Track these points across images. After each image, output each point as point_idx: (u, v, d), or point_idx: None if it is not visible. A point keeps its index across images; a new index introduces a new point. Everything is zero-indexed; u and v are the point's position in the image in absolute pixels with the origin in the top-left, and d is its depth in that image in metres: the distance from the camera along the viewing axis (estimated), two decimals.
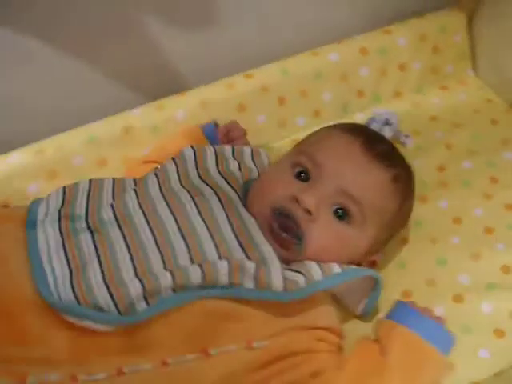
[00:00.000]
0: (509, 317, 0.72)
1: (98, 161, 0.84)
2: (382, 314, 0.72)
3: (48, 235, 0.65)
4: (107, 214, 0.67)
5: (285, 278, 0.63)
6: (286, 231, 0.67)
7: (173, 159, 0.77)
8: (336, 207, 0.68)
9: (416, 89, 0.98)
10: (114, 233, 0.65)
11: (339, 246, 0.69)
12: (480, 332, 0.71)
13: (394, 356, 0.65)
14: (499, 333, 0.71)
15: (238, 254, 0.64)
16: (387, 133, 0.88)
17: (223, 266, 0.61)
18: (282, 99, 0.91)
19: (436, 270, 0.77)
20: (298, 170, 0.71)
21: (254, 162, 0.81)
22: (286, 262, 0.66)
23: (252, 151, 0.82)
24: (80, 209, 0.69)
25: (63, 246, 0.63)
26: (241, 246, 0.65)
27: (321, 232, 0.67)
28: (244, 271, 0.62)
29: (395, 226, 0.75)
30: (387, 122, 0.89)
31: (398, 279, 0.77)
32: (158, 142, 0.86)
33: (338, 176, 0.68)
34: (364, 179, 0.69)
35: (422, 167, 0.87)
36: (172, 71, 0.91)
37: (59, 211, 0.68)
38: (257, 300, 0.62)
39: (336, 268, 0.66)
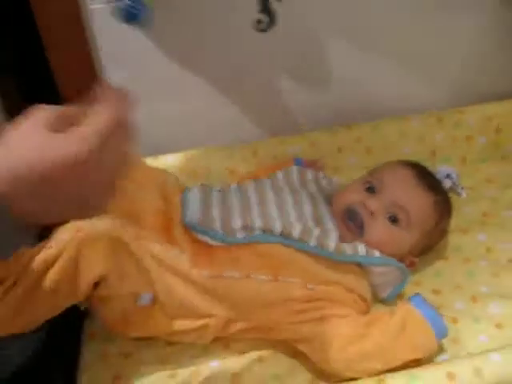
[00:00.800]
0: (509, 317, 0.94)
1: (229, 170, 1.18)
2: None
3: (194, 192, 0.99)
4: (234, 188, 1.03)
5: (337, 245, 0.91)
6: (352, 221, 0.96)
7: (283, 171, 1.09)
8: (390, 214, 0.97)
9: (479, 158, 1.25)
10: (236, 195, 0.99)
11: (388, 241, 0.96)
12: (485, 324, 0.93)
13: (397, 318, 0.88)
14: (499, 326, 0.93)
15: (311, 224, 0.94)
16: (447, 184, 1.15)
17: (297, 227, 0.91)
18: (370, 149, 1.22)
19: (463, 279, 1.01)
20: (367, 185, 1.00)
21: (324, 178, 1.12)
22: (343, 240, 0.95)
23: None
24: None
25: (203, 197, 0.98)
26: (314, 221, 0.95)
27: (377, 228, 0.96)
28: (311, 233, 0.91)
29: (432, 237, 1.02)
30: (448, 176, 1.15)
31: (431, 282, 1.01)
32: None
33: (395, 193, 0.98)
34: (412, 198, 0.98)
35: (469, 211, 1.13)
36: (291, 115, 1.25)
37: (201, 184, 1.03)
38: (314, 254, 0.91)
39: (377, 253, 0.94)
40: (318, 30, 1.18)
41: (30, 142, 0.57)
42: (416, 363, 0.85)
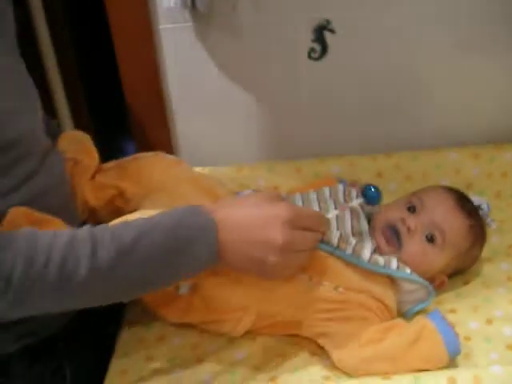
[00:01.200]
0: None
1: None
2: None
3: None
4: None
5: (371, 256, 0.99)
6: (392, 236, 1.04)
7: (329, 188, 1.17)
8: (427, 233, 1.04)
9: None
10: None
11: (422, 259, 1.03)
12: (496, 343, 0.98)
13: (414, 328, 0.94)
14: (510, 347, 0.98)
15: (349, 234, 1.03)
16: None
17: (337, 234, 1.00)
18: (410, 177, 1.29)
19: (481, 302, 1.06)
20: (409, 205, 1.08)
21: None
22: (379, 253, 1.02)
23: None
24: None
25: None
26: (353, 233, 1.04)
27: (414, 244, 1.04)
28: (348, 242, 1.00)
29: (464, 260, 1.08)
30: (479, 207, 1.21)
31: (450, 302, 1.07)
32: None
33: (434, 214, 1.05)
34: (450, 219, 1.06)
35: (497, 241, 1.18)
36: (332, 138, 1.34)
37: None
38: (349, 262, 0.99)
39: (407, 269, 1.01)
40: (365, 62, 1.28)
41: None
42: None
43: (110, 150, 1.43)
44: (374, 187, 1.09)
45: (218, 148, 1.37)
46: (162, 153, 1.14)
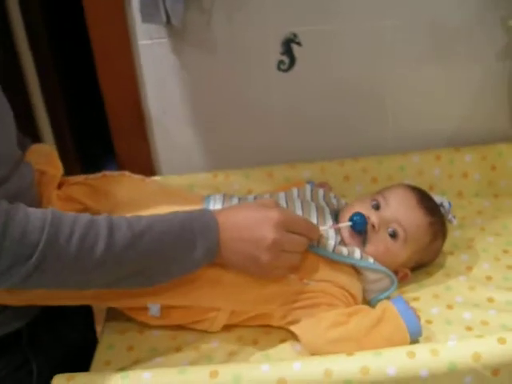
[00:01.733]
0: (479, 322, 1.05)
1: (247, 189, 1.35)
2: None
3: (216, 198, 1.17)
4: (251, 197, 1.20)
5: (336, 247, 1.06)
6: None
7: (297, 189, 1.23)
8: (390, 229, 1.11)
9: (473, 193, 1.38)
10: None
11: (385, 253, 1.10)
12: (457, 326, 1.04)
13: (376, 311, 1.01)
14: (469, 328, 1.03)
15: None
16: None
17: None
18: (375, 179, 1.37)
19: (442, 290, 1.13)
20: (373, 202, 1.15)
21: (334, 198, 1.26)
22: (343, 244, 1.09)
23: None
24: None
25: (223, 202, 1.15)
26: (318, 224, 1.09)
27: (377, 240, 1.10)
28: None
29: (425, 255, 1.16)
30: (441, 204, 1.28)
31: (413, 291, 1.13)
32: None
33: (397, 211, 1.12)
34: (411, 216, 1.13)
35: (458, 236, 1.26)
36: (303, 145, 1.42)
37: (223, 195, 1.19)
38: (313, 253, 1.05)
39: (370, 259, 1.08)
40: (332, 73, 1.37)
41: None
42: None
43: (91, 162, 1.50)
44: (360, 214, 1.11)
45: (194, 157, 1.44)
46: (128, 172, 1.21)
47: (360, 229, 1.09)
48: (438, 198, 1.24)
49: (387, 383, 0.88)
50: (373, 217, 1.11)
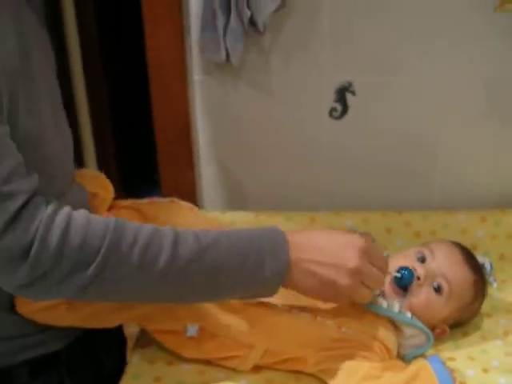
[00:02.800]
0: None
1: None
2: None
3: None
4: None
5: (375, 298, 1.04)
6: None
7: None
8: (436, 284, 1.10)
9: None
10: None
11: (427, 308, 1.09)
12: None
13: (411, 368, 1.00)
14: None
15: None
16: None
17: None
18: (418, 234, 1.36)
19: (478, 353, 1.11)
20: (419, 255, 1.14)
21: None
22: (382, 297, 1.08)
23: None
24: None
25: None
26: None
27: (421, 293, 1.09)
28: None
29: (465, 313, 1.14)
30: (483, 266, 1.26)
31: (449, 351, 1.11)
32: None
33: (443, 265, 1.11)
34: (458, 272, 1.12)
35: (498, 299, 1.24)
36: (347, 193, 1.43)
37: None
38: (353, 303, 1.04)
39: (408, 314, 1.07)
40: (383, 124, 1.38)
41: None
42: None
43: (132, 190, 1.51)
44: (408, 269, 1.09)
45: (238, 194, 1.46)
46: (177, 199, 1.22)
47: (406, 283, 1.08)
48: (480, 259, 1.23)
49: None
50: (419, 269, 1.09)
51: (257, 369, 1.06)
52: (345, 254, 0.89)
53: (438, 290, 1.10)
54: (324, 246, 0.90)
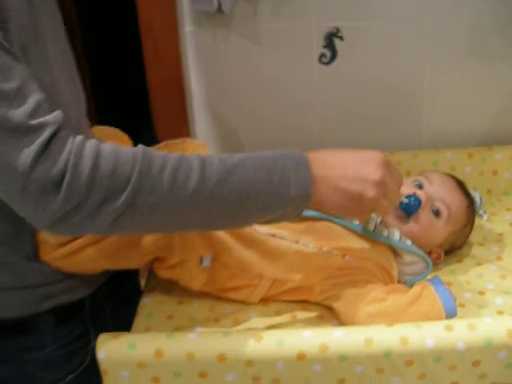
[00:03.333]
0: (510, 307, 1.09)
1: None
2: None
3: None
4: None
5: (377, 227, 1.10)
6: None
7: None
8: (434, 208, 1.15)
9: (502, 191, 1.42)
10: None
11: (427, 230, 1.15)
12: (489, 310, 1.07)
13: (414, 290, 1.04)
14: (500, 313, 1.07)
15: None
16: None
17: None
18: (409, 172, 1.41)
19: (474, 277, 1.17)
20: (416, 182, 1.19)
21: None
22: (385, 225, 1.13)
23: None
24: None
25: None
26: None
27: (421, 217, 1.14)
28: None
29: (459, 237, 1.20)
30: (473, 200, 1.32)
31: (445, 278, 1.14)
32: None
33: (440, 190, 1.17)
34: (454, 197, 1.18)
35: (488, 229, 1.30)
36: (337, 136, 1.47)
37: None
38: (356, 232, 1.10)
39: (408, 241, 1.12)
40: (371, 69, 1.42)
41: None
42: None
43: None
44: (415, 197, 1.14)
45: (232, 144, 1.50)
46: (189, 139, 1.25)
47: (413, 211, 1.13)
48: (470, 193, 1.28)
49: (425, 354, 0.91)
50: (420, 194, 1.15)
51: (265, 301, 1.11)
52: (368, 168, 0.89)
53: (437, 213, 1.15)
54: (347, 161, 0.90)
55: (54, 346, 1.01)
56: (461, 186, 1.22)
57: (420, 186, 1.18)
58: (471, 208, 1.21)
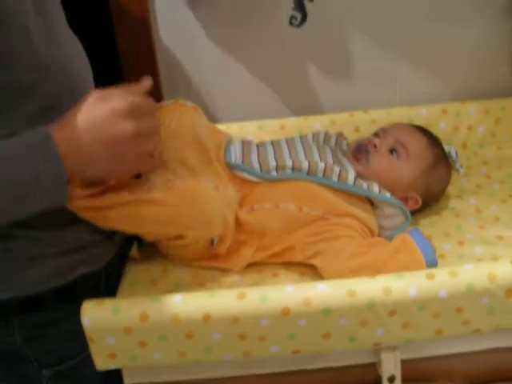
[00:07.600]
0: (488, 256, 1.10)
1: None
2: None
3: (236, 143, 1.20)
4: (269, 142, 1.23)
5: (356, 181, 1.11)
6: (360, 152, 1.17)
7: (312, 134, 1.29)
8: (390, 148, 1.18)
9: (478, 145, 1.44)
10: (271, 146, 1.20)
11: (390, 170, 1.17)
12: (468, 259, 1.09)
13: (394, 242, 1.06)
14: (480, 260, 1.09)
15: (332, 164, 1.13)
16: None
17: (321, 165, 1.11)
18: None
19: (453, 229, 1.18)
20: (374, 133, 1.22)
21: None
22: (360, 177, 1.14)
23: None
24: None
25: (243, 147, 1.19)
26: (334, 161, 1.14)
27: (380, 157, 1.17)
28: (333, 170, 1.11)
29: (432, 180, 1.21)
30: (449, 154, 1.33)
31: (425, 230, 1.15)
32: None
33: (395, 133, 1.20)
34: (409, 135, 1.21)
35: (465, 182, 1.32)
36: (316, 99, 1.47)
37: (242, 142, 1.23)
38: (335, 189, 1.11)
39: (387, 193, 1.13)
40: (341, 30, 1.42)
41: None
42: None
43: None
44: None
45: (208, 108, 1.48)
46: (182, 100, 1.23)
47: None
48: (445, 148, 1.29)
49: (408, 303, 0.93)
50: (373, 139, 1.19)
51: (248, 265, 1.12)
52: (114, 127, 0.82)
53: (395, 152, 1.18)
54: (92, 125, 0.81)
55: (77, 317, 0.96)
56: (419, 128, 1.24)
57: (377, 135, 1.22)
58: (437, 148, 1.22)
